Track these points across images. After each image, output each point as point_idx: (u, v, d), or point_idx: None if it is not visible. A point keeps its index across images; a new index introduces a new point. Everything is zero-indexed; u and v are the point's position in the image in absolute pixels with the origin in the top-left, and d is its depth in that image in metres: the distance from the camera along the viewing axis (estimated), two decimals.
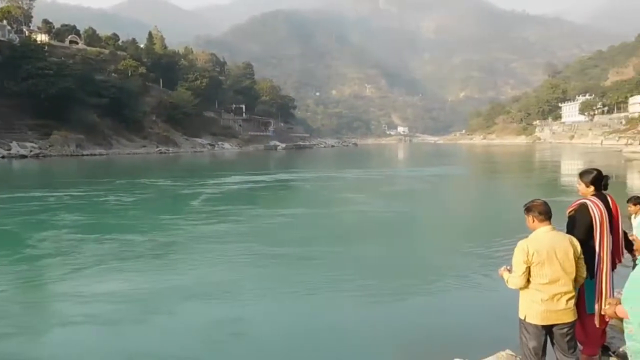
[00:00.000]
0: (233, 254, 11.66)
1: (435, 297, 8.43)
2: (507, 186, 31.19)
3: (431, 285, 9.00)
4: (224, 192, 26.44)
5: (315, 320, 7.46)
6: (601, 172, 4.49)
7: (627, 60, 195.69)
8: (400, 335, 6.75)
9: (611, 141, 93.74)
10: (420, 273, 10.04)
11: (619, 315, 3.22)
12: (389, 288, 8.88)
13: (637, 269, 3.15)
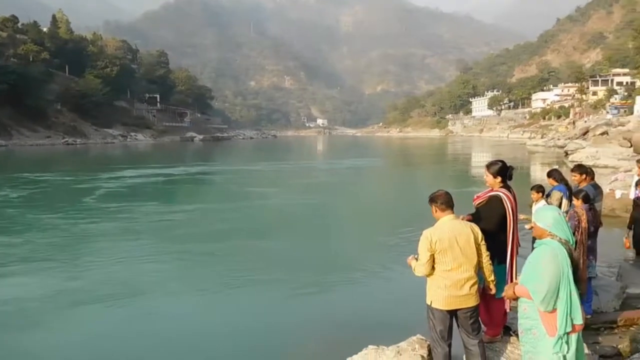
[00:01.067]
0: (128, 254, 10.95)
1: (349, 288, 8.65)
2: (419, 177, 32.13)
3: (344, 277, 9.25)
4: (126, 187, 24.77)
5: (227, 317, 7.48)
6: (506, 163, 4.71)
7: (530, 59, 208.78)
8: (315, 328, 6.93)
9: (516, 135, 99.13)
10: (333, 265, 10.21)
11: (518, 295, 3.45)
12: (302, 282, 9.00)
13: (535, 252, 3.41)
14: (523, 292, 3.38)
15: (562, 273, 3.28)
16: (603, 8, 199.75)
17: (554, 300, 3.27)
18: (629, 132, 35.73)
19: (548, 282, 3.24)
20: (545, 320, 3.32)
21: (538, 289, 3.26)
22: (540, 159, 42.06)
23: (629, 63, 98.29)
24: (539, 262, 3.32)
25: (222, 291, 8.58)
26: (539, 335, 3.35)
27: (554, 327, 3.29)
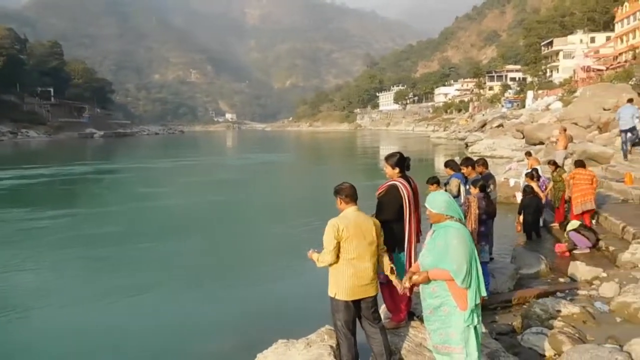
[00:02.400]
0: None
1: (258, 285, 8.65)
2: (328, 171, 32.50)
3: (252, 274, 9.29)
4: (4, 190, 22.35)
5: (133, 321, 7.30)
6: (403, 154, 4.90)
7: (432, 55, 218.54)
8: (225, 327, 6.96)
9: (421, 128, 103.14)
10: (240, 263, 10.19)
11: (434, 278, 3.54)
12: (208, 282, 8.92)
13: (440, 234, 3.55)
14: (440, 274, 3.51)
15: (471, 251, 3.51)
16: (497, 8, 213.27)
17: (470, 278, 3.49)
18: (521, 124, 38.35)
19: (465, 261, 3.45)
20: (457, 296, 3.51)
21: (459, 268, 3.44)
22: (443, 151, 44.07)
23: (521, 60, 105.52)
24: (450, 243, 3.48)
25: (125, 296, 8.23)
26: (449, 311, 3.54)
27: (465, 301, 3.50)
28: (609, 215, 9.73)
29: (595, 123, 24.32)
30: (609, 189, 12.42)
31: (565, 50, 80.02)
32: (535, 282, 7.29)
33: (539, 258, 7.85)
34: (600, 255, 8.45)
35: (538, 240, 10.09)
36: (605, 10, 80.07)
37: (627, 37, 65.91)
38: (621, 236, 8.74)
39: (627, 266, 7.37)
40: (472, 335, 3.54)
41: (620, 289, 6.27)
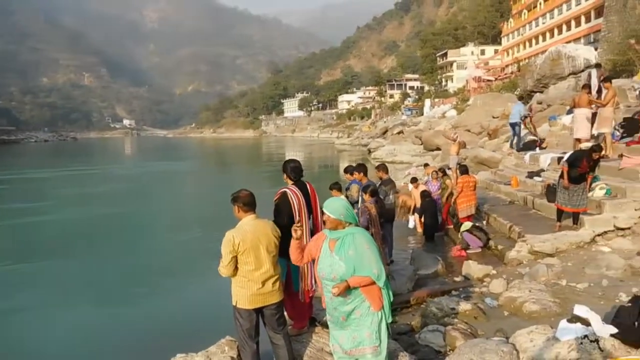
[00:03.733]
0: None
1: (156, 298, 8.56)
2: (231, 179, 32.11)
3: (151, 288, 9.06)
4: None
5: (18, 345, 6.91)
6: (292, 161, 4.99)
7: (335, 63, 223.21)
8: (123, 342, 6.74)
9: (326, 134, 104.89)
10: (137, 277, 9.85)
11: (355, 285, 3.50)
12: (105, 299, 8.62)
13: (348, 241, 3.52)
14: (361, 281, 3.50)
15: (379, 254, 3.61)
16: (395, 19, 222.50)
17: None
18: (420, 131, 40.19)
19: (381, 263, 3.53)
20: (371, 298, 3.55)
21: (379, 271, 3.49)
22: (347, 157, 45.10)
23: (419, 69, 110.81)
24: (362, 249, 3.50)
25: (13, 316, 7.80)
26: (362, 313, 3.58)
27: (379, 302, 3.57)
28: (497, 216, 10.44)
29: (486, 130, 26.02)
30: (497, 191, 13.32)
31: (459, 61, 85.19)
32: (432, 282, 7.65)
33: (436, 259, 8.25)
34: (490, 254, 9.04)
35: (437, 242, 10.62)
36: (493, 25, 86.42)
37: (512, 50, 71.36)
38: (508, 235, 9.40)
39: (514, 263, 7.94)
40: (385, 332, 3.63)
41: (507, 284, 6.72)
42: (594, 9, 47.46)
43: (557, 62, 27.50)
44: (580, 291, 6.34)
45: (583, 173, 8.31)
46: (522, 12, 68.93)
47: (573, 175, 8.31)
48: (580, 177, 8.34)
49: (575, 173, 8.28)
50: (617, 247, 7.77)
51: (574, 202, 8.43)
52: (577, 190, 8.36)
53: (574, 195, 8.40)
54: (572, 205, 8.49)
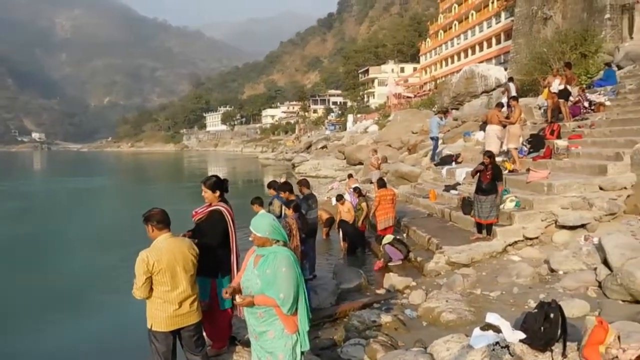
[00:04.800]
0: None
1: (72, 322, 8.13)
2: (149, 195, 30.84)
3: (65, 311, 8.65)
4: None
5: None
6: (219, 177, 4.85)
7: (259, 77, 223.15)
8: None
9: (250, 149, 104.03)
10: (49, 302, 9.37)
11: (259, 304, 3.42)
12: (13, 324, 8.21)
13: (269, 260, 3.44)
14: (266, 301, 3.42)
15: (298, 276, 3.48)
16: (318, 35, 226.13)
17: (297, 303, 3.46)
18: (343, 145, 40.90)
19: (293, 288, 3.40)
20: (285, 320, 3.45)
21: (287, 297, 3.37)
22: (272, 171, 44.89)
23: (341, 85, 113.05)
24: (278, 271, 3.40)
25: None
26: (276, 335, 3.46)
27: (295, 325, 3.48)
28: (417, 229, 10.76)
29: (406, 145, 26.88)
30: (417, 204, 13.76)
31: (380, 78, 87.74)
32: (355, 295, 7.74)
33: (358, 272, 8.37)
34: (410, 266, 9.28)
35: (359, 255, 10.78)
36: (412, 44, 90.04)
37: (430, 68, 74.51)
38: (427, 247, 9.71)
39: (432, 274, 8.20)
40: (300, 358, 3.53)
41: (426, 295, 6.94)
42: (504, 31, 50.53)
43: (471, 81, 29.02)
44: (493, 299, 6.65)
45: (488, 183, 8.80)
46: (439, 33, 72.29)
47: (478, 185, 8.80)
48: (488, 188, 8.82)
49: (480, 184, 8.83)
50: (526, 256, 8.23)
51: (484, 213, 8.92)
52: (485, 202, 8.86)
53: (483, 207, 8.90)
54: (483, 217, 8.98)
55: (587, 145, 11.62)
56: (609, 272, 6.47)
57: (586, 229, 8.49)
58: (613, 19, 23.82)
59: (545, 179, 10.07)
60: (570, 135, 12.56)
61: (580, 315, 5.34)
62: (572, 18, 26.62)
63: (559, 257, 7.48)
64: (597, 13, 24.54)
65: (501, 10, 51.48)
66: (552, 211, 8.98)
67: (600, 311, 5.59)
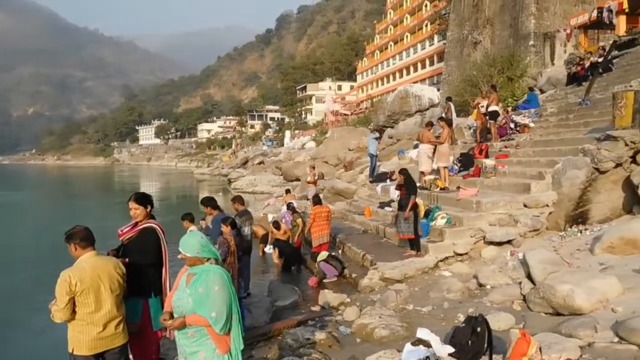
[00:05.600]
0: None
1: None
2: (73, 211, 29.30)
3: None
4: None
5: None
6: (146, 193, 4.76)
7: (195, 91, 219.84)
8: None
9: (184, 163, 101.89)
10: None
11: (191, 324, 3.34)
12: None
13: (201, 279, 3.36)
14: (198, 320, 3.34)
15: (232, 295, 3.42)
16: (256, 51, 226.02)
17: (230, 322, 3.40)
18: (280, 162, 40.87)
19: (226, 307, 3.34)
20: (217, 340, 3.38)
21: (219, 316, 3.31)
22: (207, 187, 44.19)
23: (279, 101, 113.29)
24: (210, 289, 3.34)
25: None
26: (207, 356, 3.38)
27: (227, 345, 3.41)
28: (352, 245, 10.87)
29: (342, 162, 27.22)
30: (352, 221, 13.92)
31: (317, 95, 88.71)
32: (290, 312, 7.69)
33: (293, 289, 8.33)
34: (345, 282, 9.34)
35: (294, 272, 10.74)
36: (349, 63, 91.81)
37: (366, 87, 76.07)
38: (362, 263, 9.81)
39: (367, 290, 8.28)
40: None
41: (360, 312, 6.98)
42: (437, 54, 52.46)
43: (406, 100, 29.92)
44: (425, 314, 6.79)
45: (406, 199, 9.19)
46: (375, 53, 74.13)
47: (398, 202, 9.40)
48: (405, 204, 9.17)
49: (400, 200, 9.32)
50: (456, 271, 8.48)
51: (403, 229, 9.27)
52: (397, 218, 9.29)
53: (401, 222, 9.20)
54: (401, 232, 9.41)
55: (512, 165, 12.19)
56: (533, 285, 6.77)
57: (512, 245, 8.87)
58: (537, 45, 25.34)
59: (474, 196, 10.46)
60: (498, 154, 13.14)
61: (506, 328, 5.54)
62: (500, 43, 28.08)
63: (486, 272, 7.76)
64: (522, 40, 26.03)
65: (434, 34, 53.43)
66: (481, 228, 9.32)
67: (525, 324, 5.81)
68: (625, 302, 5.72)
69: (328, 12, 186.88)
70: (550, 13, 25.93)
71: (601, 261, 7.20)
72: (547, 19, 25.84)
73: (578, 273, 6.73)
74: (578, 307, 5.73)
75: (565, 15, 25.33)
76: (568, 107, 14.47)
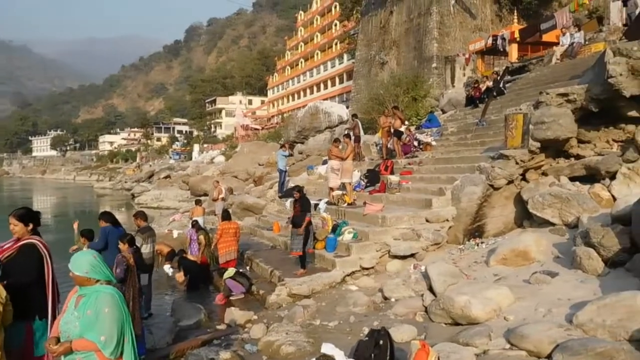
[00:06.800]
0: None
1: None
2: None
3: None
4: None
5: None
6: (31, 209, 4.46)
7: (96, 101, 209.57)
8: None
9: (84, 177, 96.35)
10: None
11: (78, 349, 3.15)
12: None
13: (90, 300, 3.19)
14: (86, 345, 3.15)
15: (125, 316, 3.25)
16: (164, 62, 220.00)
17: (122, 345, 3.22)
18: (188, 176, 39.83)
19: (117, 330, 3.16)
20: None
21: (109, 340, 3.14)
22: (109, 202, 42.14)
23: (187, 114, 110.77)
24: (100, 311, 3.15)
25: None
26: None
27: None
28: (260, 261, 10.75)
29: (252, 176, 27.03)
30: (261, 236, 13.80)
31: (227, 109, 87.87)
32: (195, 332, 7.41)
33: (198, 308, 8.06)
34: (253, 299, 9.19)
35: (201, 290, 10.42)
36: (260, 77, 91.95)
37: (277, 102, 76.44)
38: (270, 279, 9.72)
39: (274, 307, 8.20)
40: None
41: (267, 329, 6.89)
42: (346, 72, 53.86)
43: (316, 117, 30.36)
44: (332, 329, 6.82)
45: (298, 216, 9.32)
46: (286, 68, 74.82)
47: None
48: (298, 221, 9.29)
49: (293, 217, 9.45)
50: (362, 286, 8.62)
51: (293, 245, 9.38)
52: (291, 235, 9.40)
53: (294, 239, 9.34)
54: (291, 249, 9.46)
55: (416, 181, 12.68)
56: (434, 297, 7.04)
57: (415, 258, 9.18)
58: (439, 68, 26.83)
59: (380, 211, 10.74)
60: (402, 171, 13.63)
61: (408, 339, 5.68)
62: (405, 64, 29.41)
63: (391, 286, 7.96)
64: (426, 62, 27.45)
65: (344, 52, 54.87)
66: (386, 242, 9.57)
67: (426, 334, 6.02)
68: (516, 310, 6.09)
69: (239, 26, 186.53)
70: (451, 38, 27.61)
71: (495, 272, 7.63)
72: (449, 43, 27.49)
73: (475, 284, 7.10)
74: (474, 316, 6.03)
75: (465, 41, 27.07)
76: (467, 127, 15.37)
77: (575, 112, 9.58)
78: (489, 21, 28.69)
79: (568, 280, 6.64)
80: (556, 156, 9.98)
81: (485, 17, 28.75)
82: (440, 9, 27.51)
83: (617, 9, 19.02)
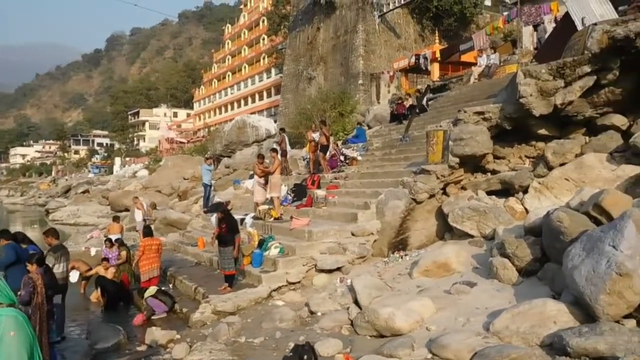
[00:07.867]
0: None
1: None
2: None
3: None
4: None
5: None
6: None
7: (7, 111, 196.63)
8: None
9: None
10: None
11: None
12: None
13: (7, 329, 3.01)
14: None
15: (32, 339, 3.11)
16: (83, 71, 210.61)
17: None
18: (108, 190, 38.20)
19: (25, 352, 3.00)
20: None
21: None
22: (20, 219, 39.59)
23: (108, 126, 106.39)
24: (6, 334, 2.98)
25: None
26: None
27: None
28: (183, 279, 10.42)
29: (176, 191, 26.31)
30: (185, 253, 13.40)
31: (151, 121, 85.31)
32: (113, 355, 7.06)
33: (117, 329, 7.69)
34: (176, 318, 8.88)
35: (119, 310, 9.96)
36: (185, 90, 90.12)
37: (203, 115, 75.14)
38: (194, 297, 9.44)
39: (198, 325, 7.95)
40: None
41: (190, 348, 6.67)
42: (274, 86, 53.93)
43: (243, 130, 30.14)
44: (257, 345, 6.71)
45: (225, 235, 9.19)
46: (213, 81, 73.83)
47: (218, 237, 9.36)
48: (226, 240, 9.18)
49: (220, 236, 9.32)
50: (289, 300, 8.56)
51: (224, 264, 9.24)
52: (224, 254, 9.23)
53: (223, 258, 9.23)
54: (222, 268, 9.32)
55: (342, 195, 12.83)
56: (359, 310, 7.10)
57: (341, 272, 9.24)
58: (365, 84, 27.45)
59: (306, 226, 10.75)
60: (329, 185, 13.75)
61: (333, 353, 5.69)
62: (332, 80, 29.87)
63: (317, 300, 7.96)
64: (352, 78, 28.01)
65: (272, 67, 54.97)
66: (312, 256, 9.58)
67: (351, 348, 6.04)
68: (438, 320, 6.27)
69: (164, 37, 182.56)
70: (377, 56, 28.37)
71: (418, 284, 7.83)
72: (374, 60, 28.23)
73: (398, 296, 7.23)
74: (398, 328, 6.13)
75: (390, 59, 27.92)
76: (391, 143, 15.77)
77: (491, 129, 10.09)
78: (412, 40, 29.77)
79: (486, 290, 6.91)
80: (474, 171, 10.44)
81: (409, 37, 29.81)
82: (366, 27, 28.24)
83: (528, 33, 20.39)
